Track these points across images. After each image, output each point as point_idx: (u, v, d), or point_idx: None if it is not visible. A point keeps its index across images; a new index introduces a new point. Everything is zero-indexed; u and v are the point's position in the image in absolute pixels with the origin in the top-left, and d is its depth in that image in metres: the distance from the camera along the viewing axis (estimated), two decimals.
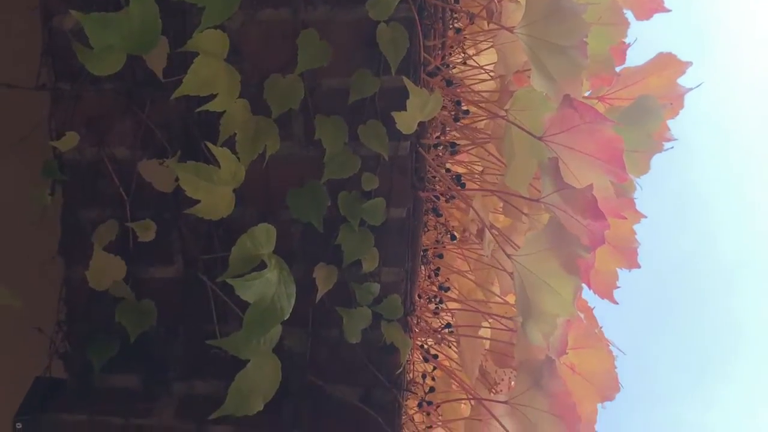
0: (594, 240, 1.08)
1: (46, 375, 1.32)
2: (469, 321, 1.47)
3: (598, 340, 1.30)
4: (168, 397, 1.33)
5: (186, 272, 1.32)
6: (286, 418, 1.30)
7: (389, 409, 1.34)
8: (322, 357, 1.35)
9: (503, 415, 1.30)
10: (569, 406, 1.15)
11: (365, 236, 1.29)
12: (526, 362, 1.22)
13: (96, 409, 1.28)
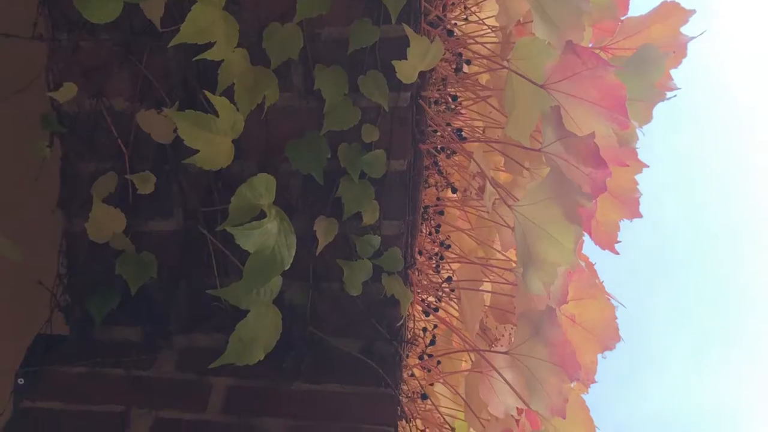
0: (595, 188, 1.07)
1: (46, 328, 1.32)
2: (469, 275, 1.46)
3: (599, 290, 1.30)
4: (169, 349, 1.33)
5: (186, 225, 1.32)
6: (287, 369, 1.31)
7: (390, 362, 1.35)
8: (323, 310, 1.35)
9: (503, 368, 1.31)
10: (569, 354, 1.15)
11: (365, 188, 1.28)
12: (526, 313, 1.22)
13: (97, 361, 1.28)
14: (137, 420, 1.20)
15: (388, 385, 1.30)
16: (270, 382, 1.29)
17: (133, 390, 1.25)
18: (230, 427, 1.21)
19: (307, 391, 1.28)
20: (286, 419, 1.23)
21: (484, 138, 1.49)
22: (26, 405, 1.21)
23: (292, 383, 1.29)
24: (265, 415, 1.23)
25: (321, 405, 1.26)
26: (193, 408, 1.23)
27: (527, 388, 1.22)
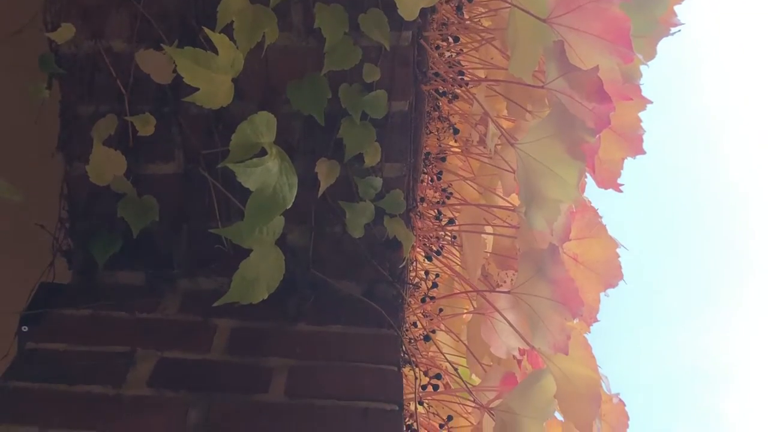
0: (599, 123, 1.06)
1: (49, 273, 1.32)
2: (471, 219, 1.46)
3: (602, 229, 1.30)
4: (172, 293, 1.34)
5: (187, 168, 1.32)
6: (290, 311, 1.31)
7: (392, 303, 1.35)
8: (325, 252, 1.35)
9: (506, 309, 1.31)
10: (572, 291, 1.15)
11: (367, 130, 1.27)
12: (528, 252, 1.22)
13: (101, 304, 1.29)
14: (142, 360, 1.20)
15: (390, 327, 1.31)
16: (273, 323, 1.30)
17: (138, 331, 1.25)
18: (234, 366, 1.21)
19: (310, 332, 1.29)
20: (289, 359, 1.23)
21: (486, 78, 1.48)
22: (30, 346, 1.21)
23: (295, 325, 1.30)
24: (268, 355, 1.24)
25: (324, 345, 1.27)
26: (198, 348, 1.23)
27: (529, 326, 1.23)
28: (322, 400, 1.17)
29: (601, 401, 1.22)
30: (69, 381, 1.15)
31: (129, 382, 1.16)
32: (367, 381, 1.21)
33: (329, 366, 1.23)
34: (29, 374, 1.16)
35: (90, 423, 1.09)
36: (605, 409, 1.34)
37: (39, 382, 1.15)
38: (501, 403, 1.21)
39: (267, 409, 1.15)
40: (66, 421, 1.09)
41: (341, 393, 1.18)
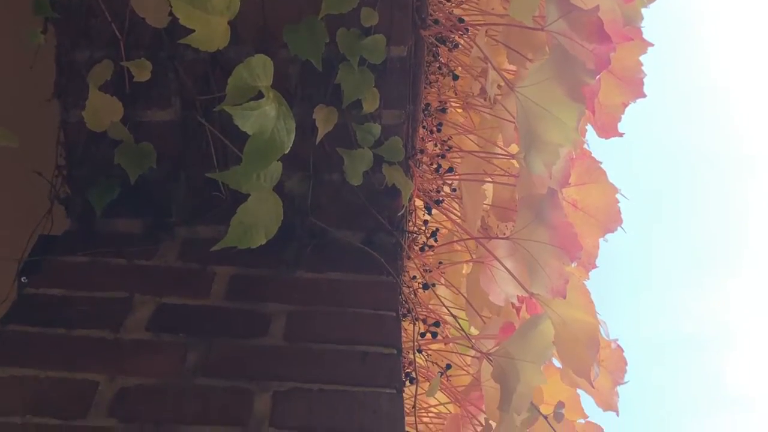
0: (599, 63, 1.05)
1: (47, 220, 1.32)
2: (471, 169, 1.45)
3: (601, 173, 1.29)
4: (171, 241, 1.34)
5: (184, 115, 1.31)
6: (288, 259, 1.31)
7: (391, 252, 1.35)
8: (324, 201, 1.35)
9: (504, 257, 1.31)
10: (570, 235, 1.15)
11: (365, 75, 1.26)
12: (527, 197, 1.21)
13: (99, 252, 1.29)
14: (140, 305, 1.20)
15: (389, 274, 1.30)
16: (272, 271, 1.30)
17: (136, 278, 1.25)
18: (233, 311, 1.21)
19: (308, 279, 1.29)
20: (288, 305, 1.23)
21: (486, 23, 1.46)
22: (29, 292, 1.21)
23: (293, 272, 1.30)
24: (267, 300, 1.24)
25: (322, 292, 1.27)
26: (196, 294, 1.24)
27: (528, 273, 1.23)
28: (321, 344, 1.17)
29: (600, 347, 1.22)
30: (67, 325, 1.16)
31: (127, 326, 1.17)
32: (366, 326, 1.21)
33: (328, 311, 1.23)
34: (28, 318, 1.16)
35: (89, 365, 1.09)
36: (603, 355, 1.34)
37: (38, 326, 1.15)
38: (499, 349, 1.22)
39: (266, 352, 1.15)
40: (65, 364, 1.09)
41: (340, 337, 1.19)
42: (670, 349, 8.85)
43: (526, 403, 1.16)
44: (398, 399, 1.10)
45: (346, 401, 1.08)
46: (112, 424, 1.02)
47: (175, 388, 1.08)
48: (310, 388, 1.10)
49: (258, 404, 1.06)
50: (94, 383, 1.07)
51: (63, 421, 1.01)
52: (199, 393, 1.07)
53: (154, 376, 1.09)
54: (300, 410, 1.06)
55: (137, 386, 1.07)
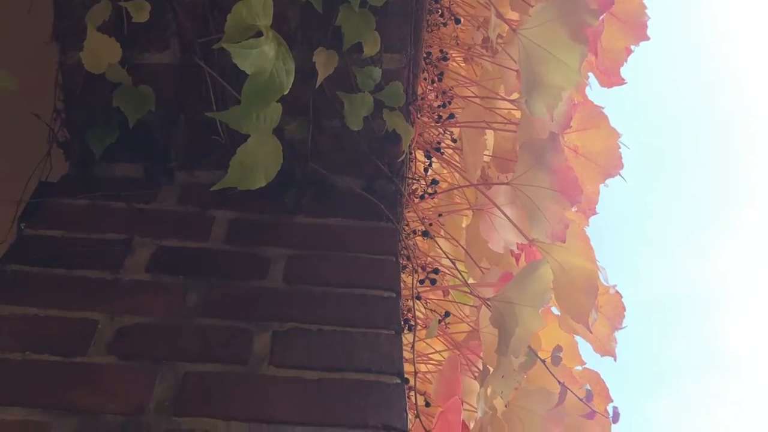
0: (603, 3, 1.04)
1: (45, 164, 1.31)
2: (472, 117, 1.44)
3: (603, 118, 1.28)
4: (170, 185, 1.33)
5: (183, 58, 1.30)
6: (288, 204, 1.31)
7: (391, 199, 1.35)
8: (324, 147, 1.34)
9: (504, 204, 1.31)
10: (571, 179, 1.15)
11: (366, 18, 1.25)
12: (528, 142, 1.21)
13: (98, 195, 1.28)
14: (140, 247, 1.20)
15: (389, 220, 1.30)
16: (272, 215, 1.29)
17: (135, 221, 1.25)
18: (232, 255, 1.21)
19: (308, 224, 1.29)
20: (288, 249, 1.23)
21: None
22: (28, 233, 1.21)
23: (293, 217, 1.30)
24: (267, 244, 1.24)
25: (322, 237, 1.27)
26: (196, 237, 1.23)
27: (528, 219, 1.22)
28: (320, 287, 1.17)
29: (598, 292, 1.22)
30: (67, 266, 1.16)
31: (127, 267, 1.17)
32: (365, 270, 1.22)
33: (327, 256, 1.23)
34: (27, 259, 1.16)
35: (88, 305, 1.10)
36: (602, 301, 1.34)
37: (37, 267, 1.15)
38: (498, 294, 1.22)
39: (265, 293, 1.15)
40: (64, 303, 1.10)
41: (339, 280, 1.19)
42: (666, 309, 8.89)
43: (523, 347, 1.16)
44: (397, 340, 1.10)
45: (345, 341, 1.09)
46: (112, 361, 1.02)
47: (174, 327, 1.08)
48: (309, 328, 1.10)
49: (257, 344, 1.07)
50: (93, 322, 1.07)
51: (62, 357, 1.02)
52: (198, 332, 1.08)
53: (154, 316, 1.09)
54: (299, 350, 1.07)
55: (137, 325, 1.08)
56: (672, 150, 8.44)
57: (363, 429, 0.96)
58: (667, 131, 8.26)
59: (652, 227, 8.63)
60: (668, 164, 8.61)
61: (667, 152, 8.39)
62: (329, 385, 1.02)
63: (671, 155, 8.57)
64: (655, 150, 8.07)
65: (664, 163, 8.52)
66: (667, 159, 8.51)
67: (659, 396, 8.81)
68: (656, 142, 8.01)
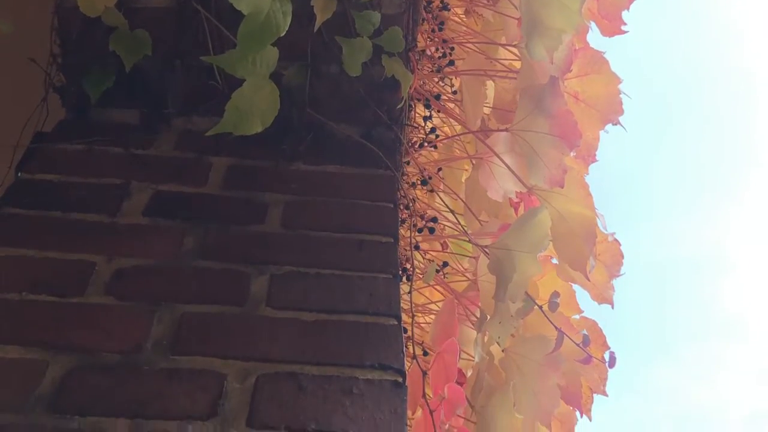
0: None
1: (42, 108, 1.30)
2: (472, 66, 1.43)
3: (604, 63, 1.27)
4: (167, 131, 1.32)
5: (179, 1, 1.28)
6: (286, 151, 1.30)
7: (389, 147, 1.34)
8: (322, 93, 1.33)
9: (504, 152, 1.30)
10: (570, 123, 1.14)
11: None
12: (528, 87, 1.20)
13: (95, 140, 1.27)
14: (137, 192, 1.20)
15: (388, 168, 1.30)
16: (269, 162, 1.29)
17: (132, 166, 1.24)
18: (230, 200, 1.21)
19: (306, 171, 1.29)
20: (285, 195, 1.23)
21: None
22: (24, 177, 1.21)
23: (291, 164, 1.29)
24: (264, 190, 1.23)
25: (320, 184, 1.26)
26: (193, 182, 1.23)
27: (527, 165, 1.22)
28: (318, 232, 1.17)
29: (596, 240, 1.22)
30: (64, 209, 1.15)
31: (124, 211, 1.16)
32: (363, 216, 1.21)
33: (325, 202, 1.23)
34: (24, 202, 1.16)
35: (85, 247, 1.09)
36: (600, 249, 1.34)
37: (34, 210, 1.15)
38: (496, 242, 1.22)
39: (263, 237, 1.15)
40: (61, 245, 1.09)
41: (337, 225, 1.19)
42: (666, 273, 8.93)
43: (521, 293, 1.16)
44: (395, 283, 1.10)
45: (343, 284, 1.09)
46: (110, 301, 1.02)
47: (172, 269, 1.08)
48: (306, 272, 1.10)
49: (255, 286, 1.07)
50: (90, 263, 1.07)
51: (59, 298, 1.02)
52: (196, 274, 1.08)
53: (152, 258, 1.09)
54: (296, 292, 1.07)
55: (134, 267, 1.08)
56: (676, 112, 8.40)
57: (360, 368, 0.97)
58: (672, 93, 8.21)
59: (653, 190, 8.63)
60: (672, 127, 8.57)
61: (672, 114, 8.36)
62: (326, 326, 1.02)
63: (675, 117, 8.53)
64: (658, 112, 8.03)
65: (667, 126, 8.48)
66: (671, 121, 8.48)
67: (658, 361, 8.88)
68: (660, 104, 7.97)
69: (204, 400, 0.91)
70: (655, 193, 8.73)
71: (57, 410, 0.88)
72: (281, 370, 0.95)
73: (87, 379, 0.92)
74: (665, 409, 9.39)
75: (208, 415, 0.89)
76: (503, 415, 1.18)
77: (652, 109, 7.72)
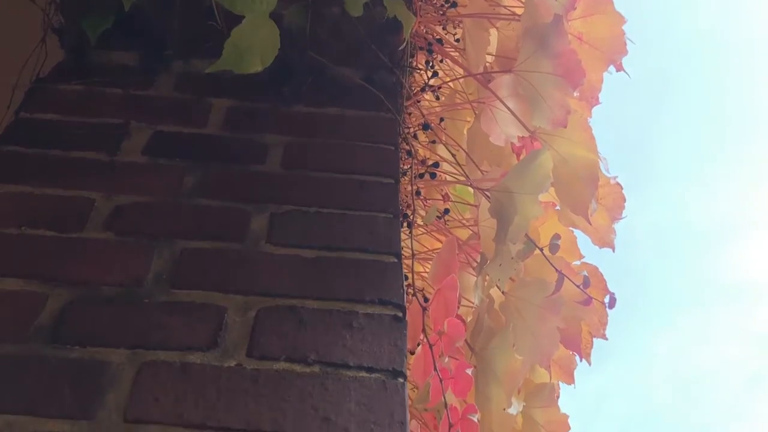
0: None
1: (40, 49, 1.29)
2: (476, 10, 1.41)
3: (608, 4, 1.25)
4: (166, 73, 1.31)
5: None
6: (286, 93, 1.29)
7: (391, 90, 1.33)
8: (323, 35, 1.31)
9: (507, 96, 1.28)
10: (574, 63, 1.12)
11: None
12: (532, 27, 1.18)
13: (94, 81, 1.26)
14: (136, 131, 1.19)
15: (389, 111, 1.29)
16: (270, 104, 1.28)
17: (132, 106, 1.24)
18: (230, 140, 1.20)
19: (306, 113, 1.28)
20: (286, 136, 1.22)
21: None
22: (24, 116, 1.20)
23: (291, 106, 1.28)
24: (264, 132, 1.22)
25: (321, 125, 1.26)
26: (193, 123, 1.22)
27: (530, 107, 1.20)
28: (318, 173, 1.17)
29: (599, 183, 1.21)
30: (63, 147, 1.15)
31: (123, 150, 1.16)
32: (364, 157, 1.20)
33: (326, 143, 1.22)
34: (23, 140, 1.15)
35: (85, 184, 1.09)
36: (602, 192, 1.34)
37: (34, 148, 1.14)
38: (497, 185, 1.21)
39: (263, 178, 1.14)
40: (61, 182, 1.09)
41: (337, 166, 1.18)
42: (671, 239, 8.94)
43: (521, 234, 1.16)
44: (395, 223, 1.10)
45: (343, 223, 1.08)
46: (109, 236, 1.02)
47: (171, 206, 1.07)
48: (307, 210, 1.09)
49: (255, 223, 1.06)
50: (90, 200, 1.07)
51: (58, 233, 1.02)
52: (196, 211, 1.07)
53: (151, 196, 1.09)
54: (297, 230, 1.06)
55: (133, 203, 1.07)
56: (684, 77, 8.35)
57: (360, 303, 0.96)
58: (678, 58, 8.15)
59: (659, 156, 8.61)
60: (681, 90, 8.52)
61: (679, 80, 8.30)
62: (327, 263, 1.02)
63: (683, 83, 8.47)
64: (665, 77, 7.98)
65: (676, 89, 8.43)
66: (678, 86, 8.43)
67: (660, 325, 8.94)
68: (667, 69, 7.92)
69: (204, 332, 0.91)
70: (661, 159, 8.70)
71: (57, 341, 0.88)
72: (281, 304, 0.95)
73: (87, 311, 0.92)
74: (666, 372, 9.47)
75: (209, 347, 0.89)
76: (502, 356, 1.19)
77: (660, 71, 7.67)
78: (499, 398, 1.18)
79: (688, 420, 9.56)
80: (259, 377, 0.86)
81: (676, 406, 9.42)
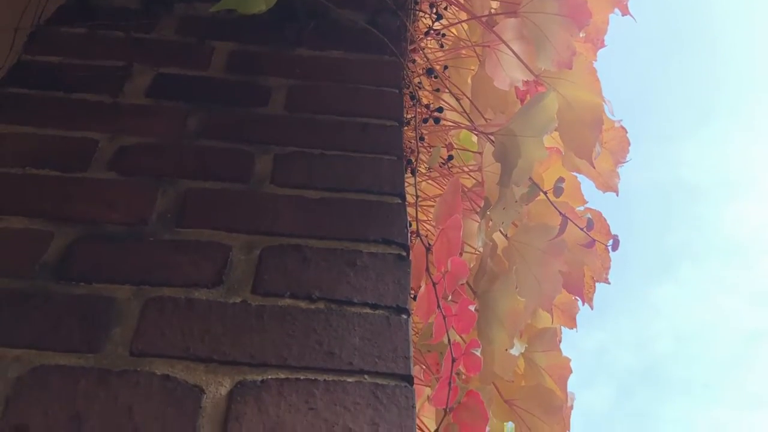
0: None
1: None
2: None
3: None
4: (169, 16, 1.30)
5: None
6: (289, 37, 1.28)
7: (395, 33, 1.31)
8: None
9: (512, 39, 1.27)
10: (580, 3, 1.11)
11: None
12: None
13: (96, 24, 1.25)
14: (139, 74, 1.18)
15: (393, 54, 1.27)
16: (273, 48, 1.27)
17: (134, 49, 1.23)
18: (233, 83, 1.20)
19: (309, 56, 1.27)
20: (289, 79, 1.21)
21: None
22: (25, 59, 1.19)
23: (295, 49, 1.27)
24: (267, 74, 1.22)
25: (324, 69, 1.25)
26: (196, 66, 1.21)
27: (535, 49, 1.19)
28: (322, 115, 1.16)
29: (603, 127, 1.21)
30: (66, 89, 1.14)
31: (126, 92, 1.15)
32: (367, 100, 1.20)
33: (329, 86, 1.21)
34: (26, 82, 1.15)
35: (88, 125, 1.09)
36: (607, 136, 1.33)
37: (36, 89, 1.14)
38: (501, 129, 1.20)
39: (266, 119, 1.14)
40: (64, 123, 1.09)
41: (341, 109, 1.18)
42: (671, 195, 8.94)
43: (525, 177, 1.16)
44: (399, 165, 1.09)
45: (347, 165, 1.08)
46: (112, 176, 1.02)
47: (175, 147, 1.07)
48: (311, 152, 1.09)
49: (259, 165, 1.06)
50: (93, 141, 1.07)
51: (62, 173, 1.02)
52: (199, 152, 1.07)
53: (154, 136, 1.08)
54: (300, 171, 1.06)
55: (137, 144, 1.07)
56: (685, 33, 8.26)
57: (364, 242, 0.97)
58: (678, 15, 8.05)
59: (658, 112, 8.56)
60: (680, 48, 8.44)
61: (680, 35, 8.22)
62: (331, 203, 1.02)
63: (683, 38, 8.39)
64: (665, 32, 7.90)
65: (675, 47, 8.35)
66: (679, 41, 8.34)
67: (660, 281, 8.98)
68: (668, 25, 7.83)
69: (209, 270, 0.91)
70: (660, 116, 8.63)
71: (62, 277, 0.89)
72: (286, 243, 0.96)
73: (92, 249, 0.92)
74: (666, 327, 9.54)
75: (213, 283, 0.90)
76: (505, 298, 1.19)
77: (659, 29, 7.58)
78: (501, 340, 1.19)
79: (688, 374, 9.69)
80: (264, 313, 0.87)
81: (677, 359, 9.56)
